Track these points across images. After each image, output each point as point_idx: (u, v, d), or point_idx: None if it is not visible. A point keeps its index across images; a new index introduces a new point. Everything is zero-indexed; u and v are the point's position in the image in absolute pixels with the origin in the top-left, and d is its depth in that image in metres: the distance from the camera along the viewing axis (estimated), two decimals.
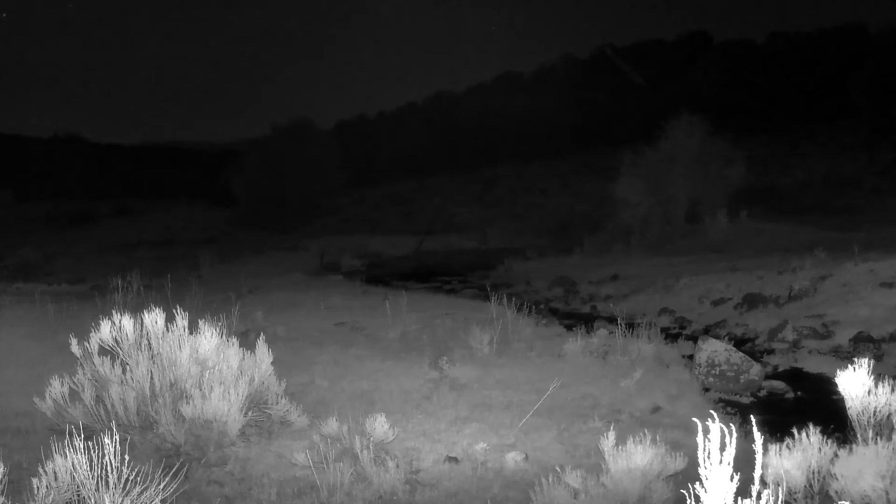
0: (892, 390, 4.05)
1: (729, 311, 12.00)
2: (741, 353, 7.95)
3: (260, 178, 40.34)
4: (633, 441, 4.22)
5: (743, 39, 57.60)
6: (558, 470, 4.26)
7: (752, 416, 3.77)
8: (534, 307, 10.72)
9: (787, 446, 3.71)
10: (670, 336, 10.02)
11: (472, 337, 8.31)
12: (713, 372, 7.77)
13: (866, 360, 4.23)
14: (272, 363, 5.85)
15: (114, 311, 5.66)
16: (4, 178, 56.51)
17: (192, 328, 5.68)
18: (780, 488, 2.97)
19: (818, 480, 3.66)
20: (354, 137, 61.69)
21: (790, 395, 7.64)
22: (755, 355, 8.97)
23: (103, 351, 5.50)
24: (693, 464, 3.17)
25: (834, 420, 4.69)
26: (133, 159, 75.90)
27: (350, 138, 59.51)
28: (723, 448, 2.80)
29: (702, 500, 2.80)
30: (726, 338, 9.39)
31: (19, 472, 4.33)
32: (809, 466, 3.67)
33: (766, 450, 3.17)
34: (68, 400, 5.26)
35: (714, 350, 7.89)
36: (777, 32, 56.67)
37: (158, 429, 5.11)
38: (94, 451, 3.41)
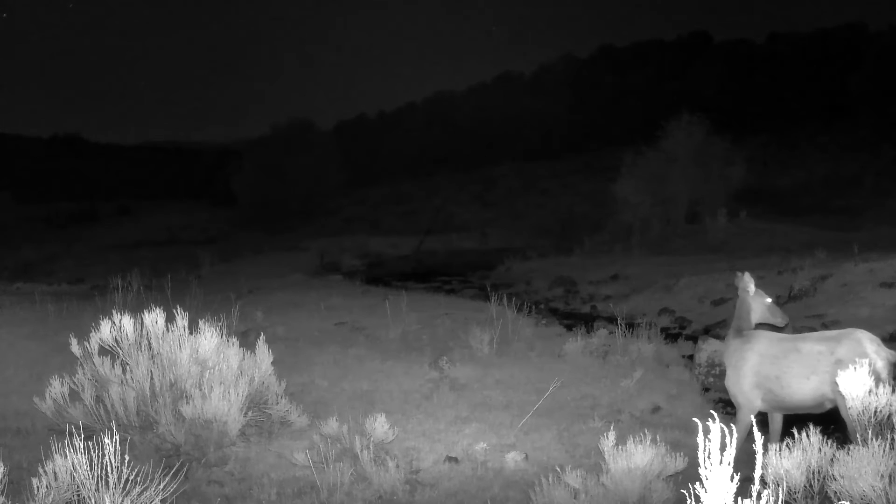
0: (893, 390, 4.04)
1: (729, 311, 11.96)
2: None
3: (260, 179, 40.31)
4: (633, 441, 4.22)
5: (743, 39, 57.57)
6: (558, 470, 4.26)
7: (751, 416, 3.77)
8: (534, 307, 10.72)
9: (787, 446, 3.71)
10: (670, 336, 10.02)
11: (472, 337, 8.31)
12: (713, 372, 7.77)
13: (866, 360, 4.22)
14: (272, 363, 5.86)
15: (114, 311, 5.66)
16: (4, 178, 56.47)
17: (192, 328, 5.68)
18: (780, 488, 2.97)
19: (818, 480, 3.66)
20: (354, 137, 61.60)
21: None
22: None
23: (103, 351, 5.50)
24: (693, 464, 3.17)
25: (834, 420, 4.69)
26: (133, 159, 75.92)
27: (350, 138, 59.43)
28: (723, 448, 2.79)
29: (702, 500, 2.80)
30: None
31: (19, 472, 4.33)
32: (809, 466, 3.67)
33: (766, 450, 3.16)
34: (68, 400, 5.26)
35: (714, 350, 7.90)
36: (777, 32, 56.64)
37: (158, 429, 5.11)
38: (94, 451, 3.41)
